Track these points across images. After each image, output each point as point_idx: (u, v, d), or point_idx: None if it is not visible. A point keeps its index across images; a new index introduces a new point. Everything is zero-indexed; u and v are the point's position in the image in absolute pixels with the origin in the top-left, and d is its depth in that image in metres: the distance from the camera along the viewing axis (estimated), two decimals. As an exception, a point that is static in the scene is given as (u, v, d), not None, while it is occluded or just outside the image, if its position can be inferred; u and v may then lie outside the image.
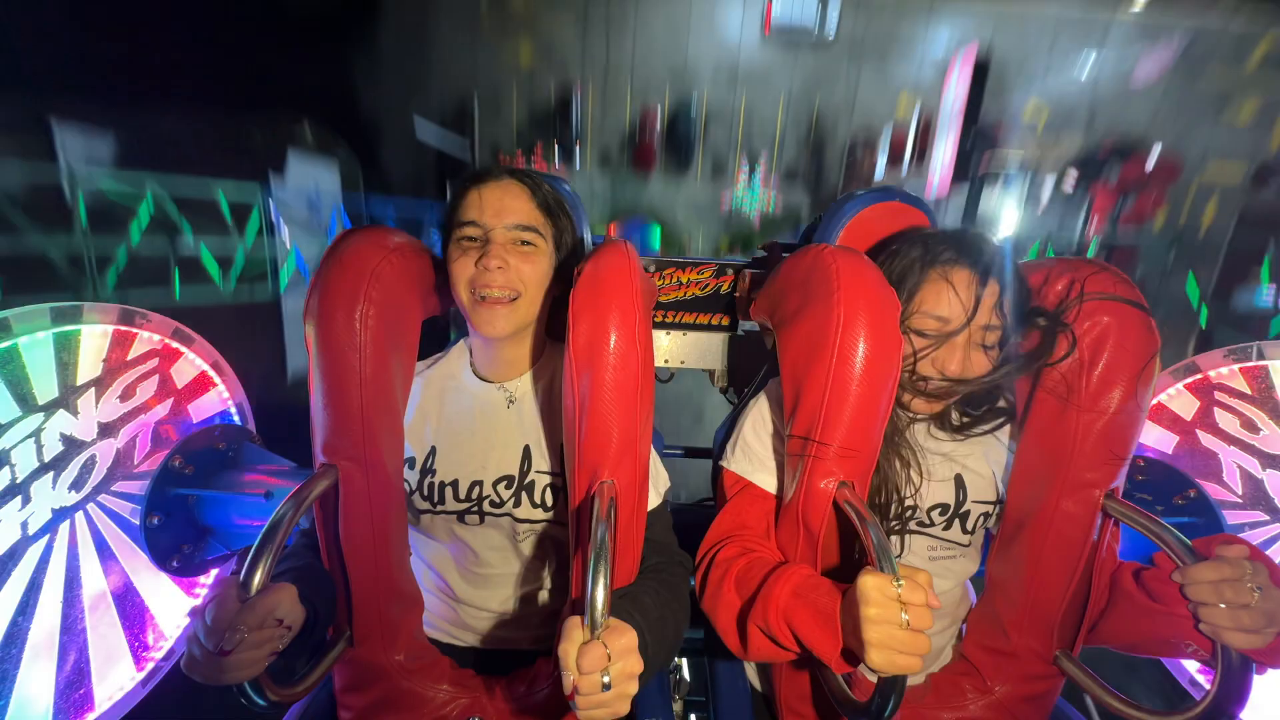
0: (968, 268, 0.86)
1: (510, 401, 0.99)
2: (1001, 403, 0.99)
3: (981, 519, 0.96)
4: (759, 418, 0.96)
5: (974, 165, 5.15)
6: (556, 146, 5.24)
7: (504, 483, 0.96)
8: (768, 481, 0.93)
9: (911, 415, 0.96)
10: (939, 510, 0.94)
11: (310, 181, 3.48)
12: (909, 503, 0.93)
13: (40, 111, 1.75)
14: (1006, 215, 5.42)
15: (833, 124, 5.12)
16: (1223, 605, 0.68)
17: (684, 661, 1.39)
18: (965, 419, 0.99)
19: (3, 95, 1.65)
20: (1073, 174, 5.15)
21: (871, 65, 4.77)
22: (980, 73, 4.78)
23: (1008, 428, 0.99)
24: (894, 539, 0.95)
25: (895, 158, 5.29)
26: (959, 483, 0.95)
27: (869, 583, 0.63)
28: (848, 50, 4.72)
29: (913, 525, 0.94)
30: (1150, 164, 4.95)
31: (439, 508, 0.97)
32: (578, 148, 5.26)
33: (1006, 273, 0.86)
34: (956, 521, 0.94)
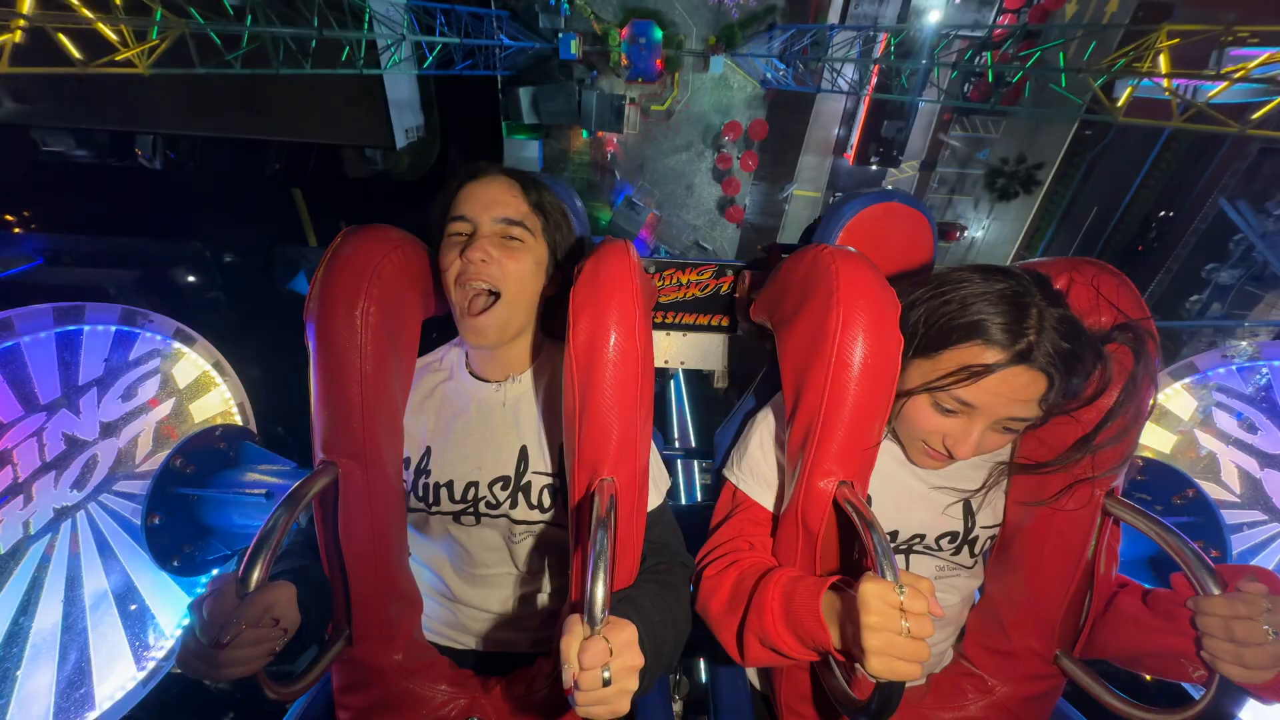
0: (1018, 361, 0.75)
1: (504, 404, 0.98)
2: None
3: (989, 541, 0.95)
4: (765, 431, 0.95)
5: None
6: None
7: (500, 484, 0.95)
8: (768, 499, 0.92)
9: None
10: (948, 539, 0.93)
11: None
12: (916, 532, 0.92)
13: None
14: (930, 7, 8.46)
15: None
16: (1230, 643, 0.67)
17: (684, 662, 1.39)
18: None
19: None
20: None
21: None
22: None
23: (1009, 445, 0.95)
24: (898, 557, 0.93)
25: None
26: (967, 509, 0.93)
27: (870, 590, 0.63)
28: None
29: (919, 548, 0.93)
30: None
31: (434, 509, 0.96)
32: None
33: (1060, 369, 0.75)
34: (965, 547, 0.94)
